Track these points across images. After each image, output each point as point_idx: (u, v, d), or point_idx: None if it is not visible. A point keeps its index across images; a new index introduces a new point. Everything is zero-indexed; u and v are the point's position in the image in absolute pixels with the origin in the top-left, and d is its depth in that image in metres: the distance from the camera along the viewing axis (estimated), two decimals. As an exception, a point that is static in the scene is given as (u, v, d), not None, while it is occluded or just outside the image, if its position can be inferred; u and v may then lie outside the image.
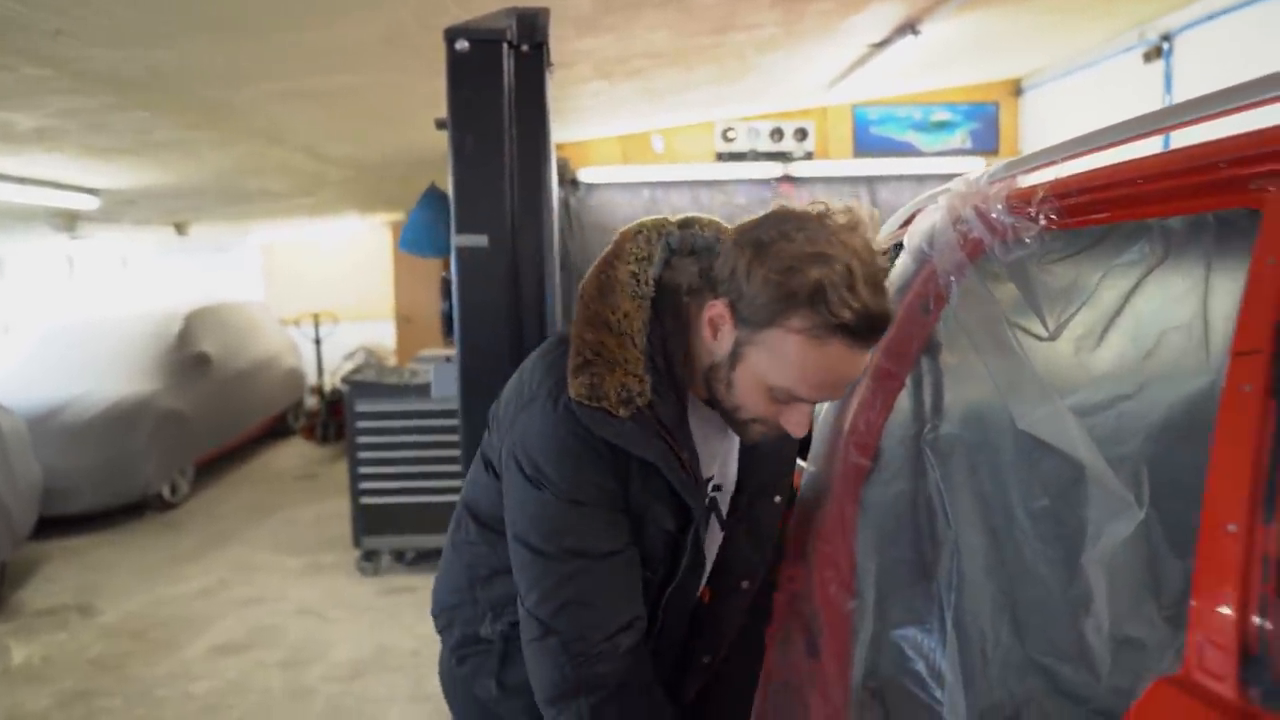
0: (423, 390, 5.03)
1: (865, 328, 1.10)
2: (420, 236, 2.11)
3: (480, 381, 1.96)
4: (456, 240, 1.93)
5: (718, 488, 1.37)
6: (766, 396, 1.18)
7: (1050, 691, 1.48)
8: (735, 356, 1.18)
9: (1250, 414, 0.67)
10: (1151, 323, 1.45)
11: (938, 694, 1.42)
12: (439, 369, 2.10)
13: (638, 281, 1.25)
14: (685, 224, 1.31)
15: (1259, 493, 0.64)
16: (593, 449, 1.18)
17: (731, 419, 1.24)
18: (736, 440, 1.36)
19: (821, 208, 1.16)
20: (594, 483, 1.19)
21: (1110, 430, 1.43)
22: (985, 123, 6.41)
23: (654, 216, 1.33)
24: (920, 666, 1.46)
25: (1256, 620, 0.62)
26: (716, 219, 1.32)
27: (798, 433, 1.21)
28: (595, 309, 1.23)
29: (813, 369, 1.13)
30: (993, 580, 1.49)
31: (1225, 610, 0.63)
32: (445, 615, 1.47)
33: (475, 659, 1.42)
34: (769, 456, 1.39)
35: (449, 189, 1.98)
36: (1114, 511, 1.33)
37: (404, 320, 10.36)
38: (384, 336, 10.44)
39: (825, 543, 1.48)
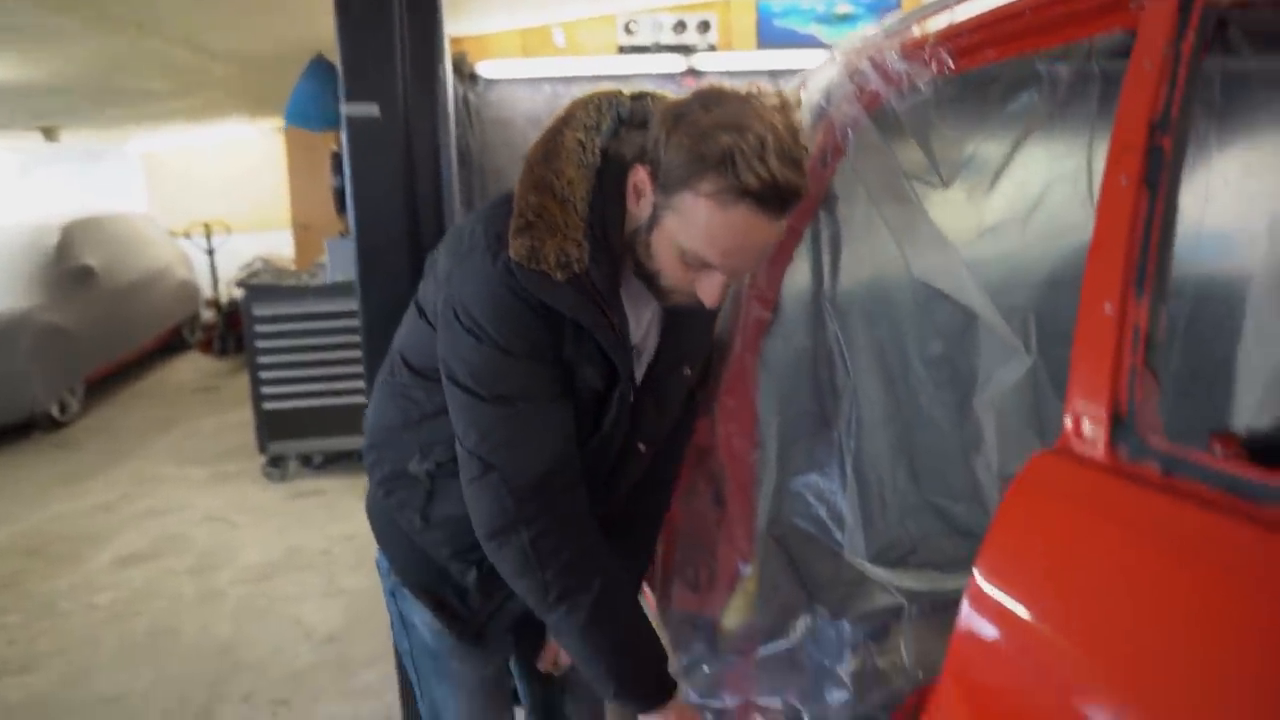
0: (322, 292, 4.88)
1: (771, 196, 1.12)
2: (308, 108, 2.02)
3: (377, 258, 1.91)
4: (346, 109, 1.85)
5: (638, 354, 1.40)
6: (679, 261, 1.21)
7: (945, 530, 1.56)
8: (653, 220, 1.21)
9: (1125, 202, 0.70)
10: (1040, 173, 1.49)
11: (838, 536, 1.48)
12: (333, 245, 2.04)
13: (584, 149, 1.26)
14: (639, 96, 1.32)
15: (1131, 272, 0.67)
16: (529, 307, 1.21)
17: (652, 285, 1.27)
18: (662, 312, 1.39)
19: (754, 89, 1.17)
20: (528, 338, 1.23)
21: (1001, 279, 1.48)
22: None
23: (608, 88, 1.33)
24: (822, 512, 1.50)
25: (1126, 387, 0.65)
26: (671, 94, 1.31)
27: (709, 301, 1.24)
28: (540, 173, 1.25)
29: (720, 233, 1.15)
30: (890, 426, 1.54)
31: (1098, 382, 0.66)
32: (375, 451, 1.50)
33: (402, 492, 1.46)
34: (688, 329, 1.42)
35: (336, 58, 1.89)
36: (1003, 357, 1.39)
37: (302, 228, 9.95)
38: (282, 246, 10.06)
39: (728, 395, 1.51)
